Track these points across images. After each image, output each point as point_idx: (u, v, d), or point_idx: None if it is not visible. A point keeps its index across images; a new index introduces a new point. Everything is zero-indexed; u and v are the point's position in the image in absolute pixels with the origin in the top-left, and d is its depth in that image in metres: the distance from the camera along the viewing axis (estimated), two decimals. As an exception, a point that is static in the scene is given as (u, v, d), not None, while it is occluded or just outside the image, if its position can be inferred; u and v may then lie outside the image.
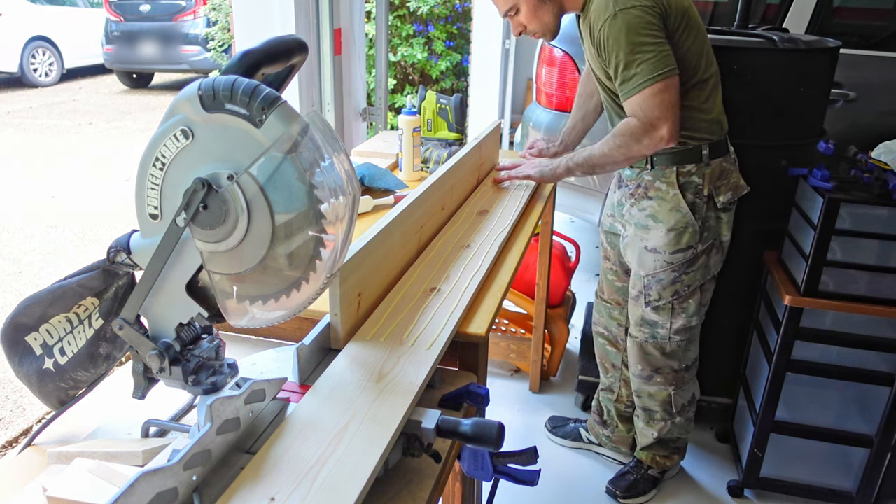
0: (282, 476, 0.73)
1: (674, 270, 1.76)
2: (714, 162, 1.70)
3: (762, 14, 3.25)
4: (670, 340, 1.86)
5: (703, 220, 1.72)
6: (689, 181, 1.70)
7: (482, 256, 1.37)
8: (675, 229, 1.72)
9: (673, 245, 1.73)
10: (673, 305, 1.81)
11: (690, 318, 1.83)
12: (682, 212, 1.70)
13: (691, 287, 1.78)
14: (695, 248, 1.73)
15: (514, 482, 0.97)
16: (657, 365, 1.90)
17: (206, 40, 8.56)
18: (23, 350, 0.88)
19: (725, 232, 1.79)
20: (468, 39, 5.80)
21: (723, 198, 1.72)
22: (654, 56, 1.50)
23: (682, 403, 1.97)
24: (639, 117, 1.54)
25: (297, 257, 0.78)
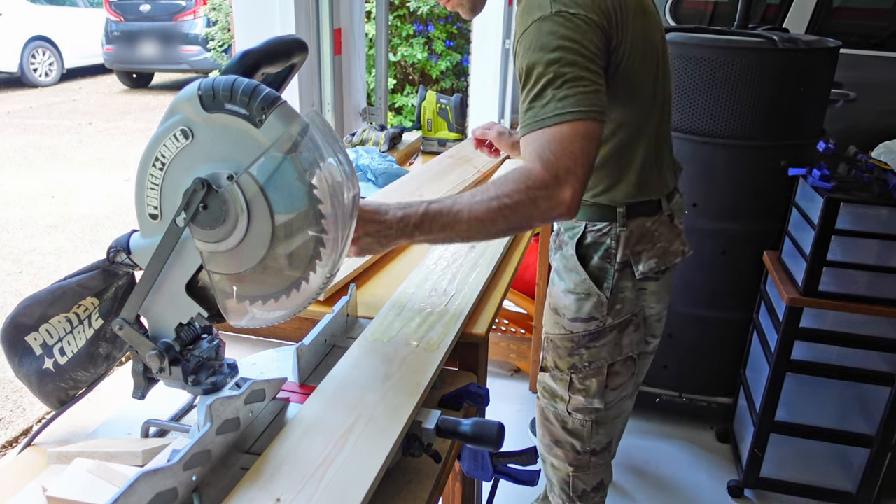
0: (287, 476, 0.73)
1: (572, 340, 1.40)
2: (634, 222, 1.30)
3: (762, 14, 3.24)
4: (571, 416, 1.49)
5: (615, 290, 1.34)
6: (598, 242, 1.33)
7: (487, 258, 1.37)
8: (576, 293, 1.37)
9: (572, 311, 1.38)
10: (571, 379, 1.44)
11: (591, 399, 1.44)
12: (582, 276, 1.35)
13: (593, 365, 1.40)
14: (600, 321, 1.36)
15: (514, 482, 0.97)
16: (557, 437, 1.55)
17: (206, 40, 8.57)
18: (23, 350, 0.88)
19: (653, 304, 1.41)
20: (468, 39, 5.80)
21: (643, 266, 1.32)
22: (586, 85, 1.03)
23: (584, 489, 1.60)
24: (545, 163, 1.01)
25: (297, 257, 0.78)
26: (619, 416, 1.57)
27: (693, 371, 2.38)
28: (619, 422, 1.59)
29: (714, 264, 2.21)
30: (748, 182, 2.10)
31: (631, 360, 1.43)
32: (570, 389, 1.45)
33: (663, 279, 1.40)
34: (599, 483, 1.62)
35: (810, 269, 1.83)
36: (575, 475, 1.58)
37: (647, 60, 1.20)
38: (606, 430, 1.53)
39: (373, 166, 1.91)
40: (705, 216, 2.11)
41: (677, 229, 1.38)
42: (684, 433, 2.42)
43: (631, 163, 1.27)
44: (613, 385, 1.44)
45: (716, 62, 1.97)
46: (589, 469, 1.57)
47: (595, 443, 1.53)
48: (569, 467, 1.57)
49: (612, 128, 1.23)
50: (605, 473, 1.63)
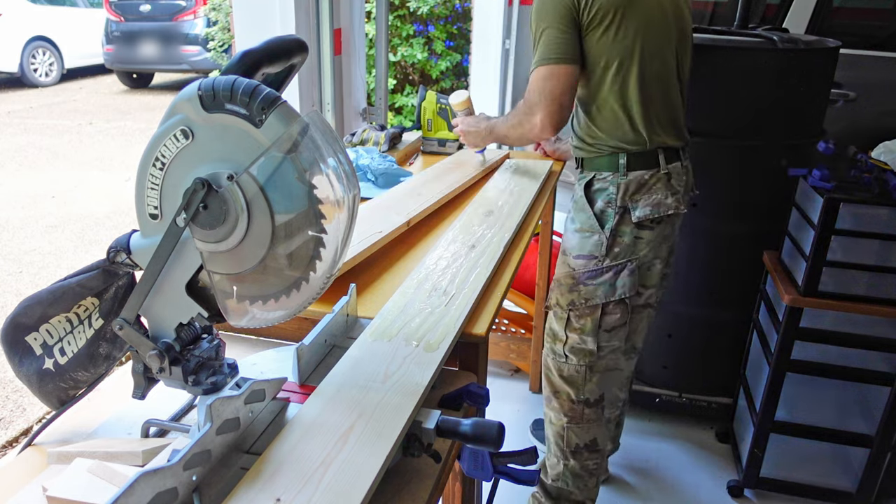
0: (287, 476, 0.73)
1: (573, 277, 1.63)
2: (633, 173, 1.57)
3: (762, 14, 3.24)
4: (567, 361, 1.68)
5: (615, 233, 1.58)
6: (603, 188, 1.60)
7: (488, 258, 1.37)
8: (581, 232, 1.62)
9: (576, 248, 1.62)
10: (569, 317, 1.65)
11: (585, 337, 1.64)
12: (587, 214, 1.61)
13: (589, 302, 1.61)
14: (598, 259, 1.60)
15: (514, 482, 0.97)
16: (555, 386, 1.73)
17: (206, 40, 8.57)
18: (23, 350, 0.88)
19: (646, 253, 1.61)
20: (468, 39, 5.80)
21: (639, 212, 1.57)
22: (549, 40, 1.46)
23: (578, 444, 1.74)
24: (524, 98, 1.54)
25: (297, 257, 0.78)
26: (612, 372, 1.72)
27: (693, 371, 2.38)
28: (612, 377, 1.74)
29: (714, 264, 2.21)
30: (748, 182, 2.10)
31: (623, 303, 1.62)
32: (568, 327, 1.66)
33: (658, 229, 1.61)
34: (593, 441, 1.75)
35: (810, 269, 1.83)
36: (569, 426, 1.74)
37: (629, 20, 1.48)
38: (598, 381, 1.70)
39: (373, 166, 1.91)
40: (705, 216, 2.11)
41: (674, 188, 1.60)
42: (684, 433, 2.42)
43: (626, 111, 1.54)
44: (606, 326, 1.64)
45: (716, 62, 1.97)
46: (582, 421, 1.73)
47: (588, 391, 1.70)
48: (563, 418, 1.73)
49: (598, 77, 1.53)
50: (598, 432, 1.76)
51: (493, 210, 1.65)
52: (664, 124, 1.58)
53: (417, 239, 1.53)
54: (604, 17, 1.46)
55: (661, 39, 1.54)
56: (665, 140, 1.58)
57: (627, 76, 1.51)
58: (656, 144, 1.56)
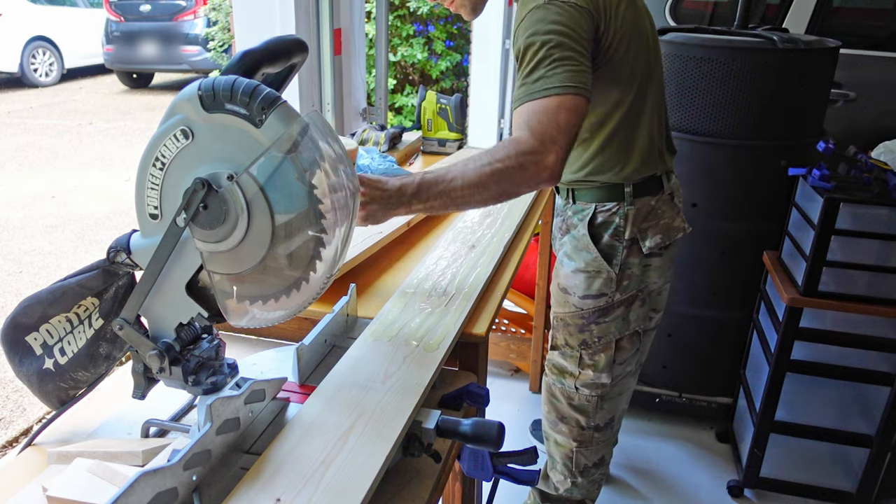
0: (287, 476, 0.73)
1: (582, 317, 1.49)
2: (640, 200, 1.41)
3: (762, 14, 3.24)
4: (578, 392, 1.57)
5: (623, 266, 1.44)
6: (608, 221, 1.43)
7: (488, 258, 1.37)
8: (586, 272, 1.46)
9: (583, 289, 1.47)
10: (581, 355, 1.53)
11: (600, 373, 1.53)
12: (593, 255, 1.44)
13: (602, 340, 1.50)
14: (609, 297, 1.46)
15: (514, 482, 0.97)
16: (563, 413, 1.63)
17: (206, 40, 8.56)
18: (23, 350, 0.88)
19: (655, 279, 1.49)
20: (468, 39, 5.80)
21: (650, 242, 1.43)
22: (573, 64, 1.15)
23: (586, 465, 1.68)
24: (533, 131, 1.12)
25: (297, 257, 0.78)
26: (623, 394, 1.64)
27: (693, 371, 2.38)
28: (622, 399, 1.65)
29: (714, 264, 2.21)
30: (748, 182, 2.10)
31: (637, 334, 1.52)
32: (580, 365, 1.54)
33: (666, 254, 1.49)
34: (600, 459, 1.70)
35: (810, 269, 1.83)
36: (578, 450, 1.65)
37: (637, 46, 1.31)
38: (610, 407, 1.60)
39: (373, 166, 1.91)
40: (705, 216, 2.11)
41: (677, 207, 1.49)
42: (684, 433, 2.42)
43: (632, 142, 1.38)
44: (620, 360, 1.52)
45: (716, 62, 1.97)
46: (592, 444, 1.65)
47: (599, 419, 1.60)
48: (573, 443, 1.65)
49: (609, 108, 1.34)
50: (606, 450, 1.70)
51: (493, 210, 1.65)
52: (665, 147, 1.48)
53: (417, 239, 1.53)
54: (619, 44, 1.27)
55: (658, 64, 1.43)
56: (666, 163, 1.47)
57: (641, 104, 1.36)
58: (661, 170, 1.45)
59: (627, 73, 1.31)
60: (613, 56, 1.27)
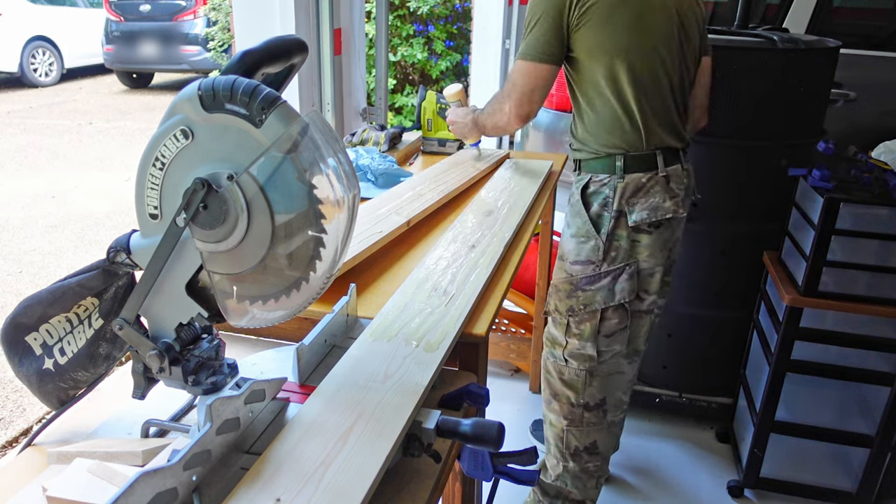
0: (287, 476, 0.73)
1: (571, 283, 1.60)
2: (630, 176, 1.53)
3: (762, 14, 3.25)
4: (567, 365, 1.66)
5: (611, 237, 1.55)
6: (599, 191, 1.57)
7: (488, 258, 1.37)
8: (577, 237, 1.59)
9: (573, 254, 1.60)
10: (568, 323, 1.62)
11: (585, 342, 1.61)
12: (584, 219, 1.58)
13: (588, 308, 1.59)
14: (596, 265, 1.57)
15: (514, 482, 0.97)
16: (555, 389, 1.71)
17: (206, 40, 8.57)
18: (23, 350, 0.88)
19: (645, 257, 1.57)
20: (468, 39, 5.80)
21: (636, 216, 1.53)
22: (535, 35, 1.49)
23: (577, 447, 1.72)
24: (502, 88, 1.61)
25: (297, 257, 0.78)
26: (613, 375, 1.68)
27: (693, 371, 2.38)
28: (613, 381, 1.69)
29: (714, 264, 2.21)
30: (748, 182, 2.10)
31: (623, 308, 1.59)
32: (567, 333, 1.64)
33: (657, 234, 1.57)
34: (593, 444, 1.73)
35: (810, 269, 1.83)
36: (568, 429, 1.72)
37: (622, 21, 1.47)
38: (599, 385, 1.67)
39: (373, 166, 1.91)
40: (705, 216, 2.11)
41: (673, 191, 1.57)
42: (684, 433, 2.42)
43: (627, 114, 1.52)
44: (606, 331, 1.61)
45: (715, 62, 1.97)
46: (582, 425, 1.70)
47: (588, 395, 1.67)
48: (563, 421, 1.71)
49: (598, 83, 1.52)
50: (599, 436, 1.73)
51: (493, 210, 1.65)
52: (662, 124, 1.55)
53: (417, 239, 1.53)
54: (593, 15, 1.46)
55: (656, 36, 1.50)
56: (663, 140, 1.55)
57: (618, 73, 1.49)
58: (654, 145, 1.54)
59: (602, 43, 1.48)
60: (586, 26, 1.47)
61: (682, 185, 1.59)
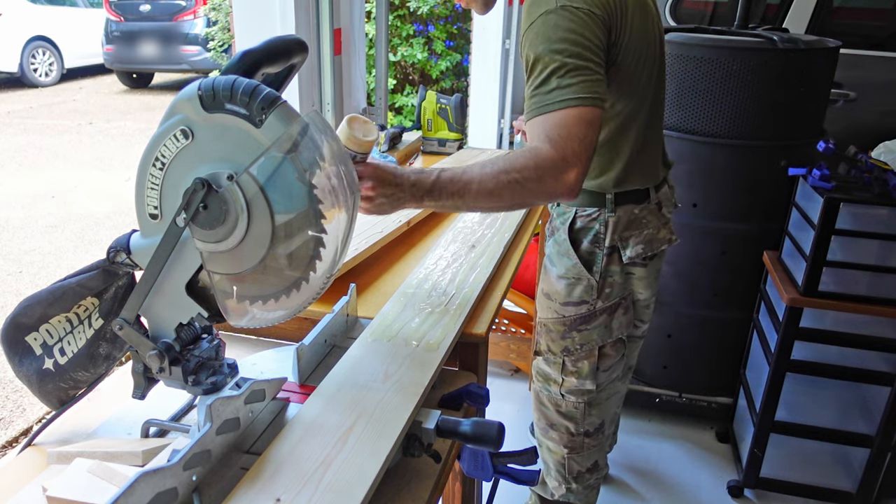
0: (287, 476, 0.73)
1: (564, 324, 1.46)
2: (622, 209, 1.37)
3: (762, 14, 3.24)
4: (564, 399, 1.55)
5: (605, 274, 1.40)
6: (587, 227, 1.39)
7: (488, 258, 1.37)
8: (567, 278, 1.43)
9: (564, 295, 1.44)
10: (564, 362, 1.50)
11: (584, 380, 1.50)
12: (573, 261, 1.41)
13: (584, 347, 1.47)
14: (591, 304, 1.42)
15: (514, 482, 0.97)
16: (552, 420, 1.61)
17: (206, 40, 8.56)
18: (23, 350, 0.88)
19: (641, 290, 1.46)
20: (468, 39, 5.80)
21: (630, 251, 1.38)
22: (590, 74, 1.09)
23: (579, 470, 1.66)
24: (554, 144, 1.06)
25: (297, 257, 0.78)
26: (611, 398, 1.62)
27: (693, 371, 2.38)
28: (611, 403, 1.63)
29: (714, 264, 2.21)
30: (748, 182, 2.10)
31: (621, 342, 1.49)
32: (563, 372, 1.51)
33: (651, 265, 1.45)
34: (594, 464, 1.67)
35: (810, 269, 1.83)
36: (570, 457, 1.64)
37: (643, 56, 1.25)
38: (598, 412, 1.58)
39: (373, 166, 1.91)
40: (705, 216, 2.11)
41: (665, 218, 1.43)
42: (684, 433, 2.42)
43: (619, 153, 1.33)
44: (604, 367, 1.50)
45: (716, 62, 1.97)
46: (583, 450, 1.63)
47: (588, 424, 1.58)
48: (563, 449, 1.63)
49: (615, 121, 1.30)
50: (599, 455, 1.68)
51: (493, 210, 1.64)
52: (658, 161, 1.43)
53: (417, 239, 1.53)
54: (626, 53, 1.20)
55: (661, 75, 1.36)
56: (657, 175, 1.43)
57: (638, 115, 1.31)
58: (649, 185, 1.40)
59: (627, 85, 1.26)
60: (621, 65, 1.21)
61: (670, 207, 1.48)
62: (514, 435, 2.36)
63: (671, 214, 1.47)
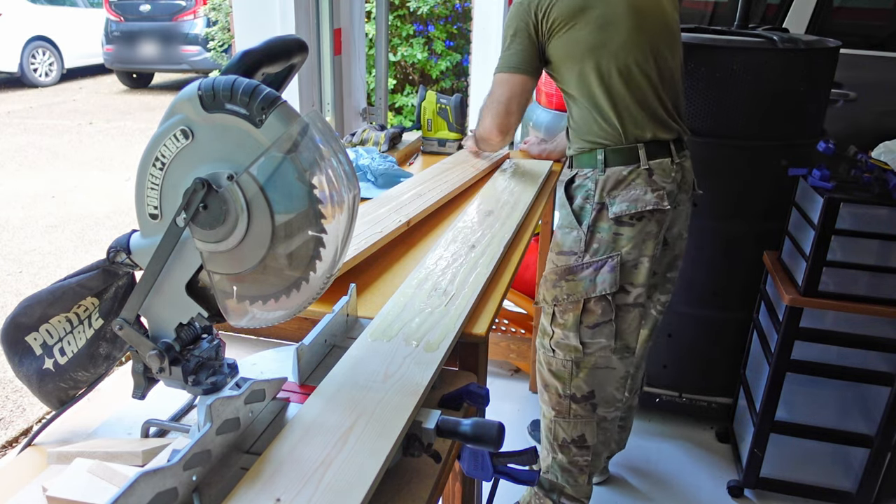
0: (287, 476, 0.73)
1: (556, 273, 1.65)
2: (611, 170, 1.58)
3: (762, 14, 3.24)
4: (554, 355, 1.70)
5: (592, 229, 1.59)
6: (582, 184, 1.63)
7: (488, 258, 1.37)
8: (562, 228, 1.66)
9: (558, 245, 1.66)
10: (554, 312, 1.67)
11: (567, 332, 1.65)
12: (567, 210, 1.64)
13: (570, 298, 1.63)
14: (578, 255, 1.61)
15: (514, 482, 0.97)
16: (545, 380, 1.76)
17: (206, 40, 8.57)
18: (23, 350, 0.88)
19: (629, 250, 1.59)
20: (468, 39, 5.80)
21: (615, 208, 1.57)
22: (511, 49, 1.59)
23: (564, 438, 1.75)
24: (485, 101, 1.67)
25: (297, 257, 0.78)
26: (603, 370, 1.69)
27: (693, 371, 2.38)
28: (602, 375, 1.70)
29: (714, 264, 2.21)
30: (748, 182, 2.10)
31: (605, 299, 1.61)
32: (553, 323, 1.68)
33: (639, 226, 1.59)
34: (581, 437, 1.74)
35: (810, 269, 1.83)
36: (556, 420, 1.75)
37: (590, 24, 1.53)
38: (586, 378, 1.69)
39: (373, 166, 1.91)
40: (705, 216, 2.11)
41: (655, 184, 1.59)
42: (684, 433, 2.42)
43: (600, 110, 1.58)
44: (588, 322, 1.63)
45: (716, 62, 1.97)
46: (569, 416, 1.73)
47: (574, 387, 1.70)
48: (552, 412, 1.76)
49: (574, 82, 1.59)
50: (588, 430, 1.74)
51: (493, 210, 1.65)
52: (639, 118, 1.58)
53: (417, 239, 1.53)
54: (561, 24, 1.54)
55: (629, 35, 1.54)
56: (643, 134, 1.58)
57: (587, 75, 1.56)
58: (634, 138, 1.58)
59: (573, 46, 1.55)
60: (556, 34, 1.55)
61: (668, 179, 1.60)
62: (514, 435, 2.37)
63: (668, 185, 1.60)
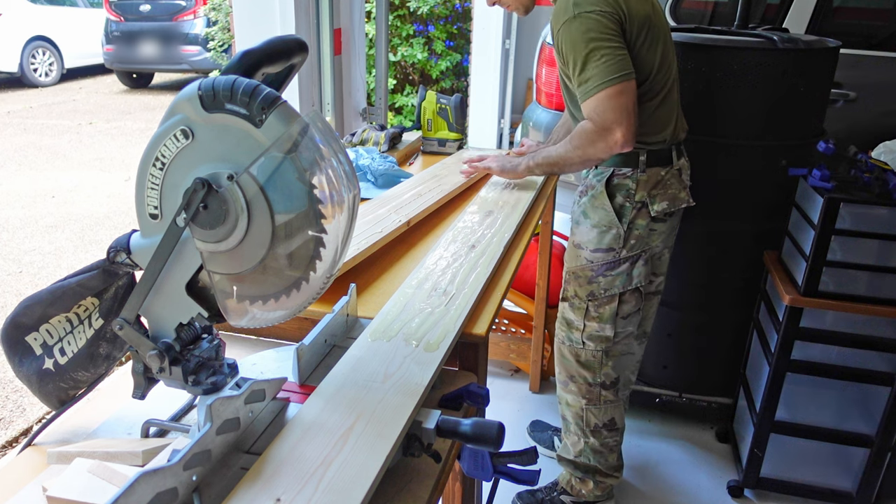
0: (287, 476, 0.73)
1: (592, 269, 1.72)
2: (651, 170, 1.67)
3: (762, 14, 3.25)
4: (584, 347, 1.79)
5: (631, 226, 1.68)
6: (622, 184, 1.68)
7: (488, 258, 1.37)
8: (599, 227, 1.70)
9: (595, 243, 1.71)
10: (587, 307, 1.76)
11: (604, 325, 1.75)
12: (607, 210, 1.68)
13: (608, 292, 1.73)
14: (616, 252, 1.70)
15: (514, 482, 0.97)
16: (571, 372, 1.84)
17: (206, 40, 8.56)
18: (23, 350, 0.88)
19: (658, 243, 1.72)
20: (468, 39, 5.80)
21: (657, 206, 1.67)
22: (610, 59, 1.48)
23: (597, 423, 1.86)
24: (594, 121, 1.52)
25: (297, 257, 0.78)
26: (626, 356, 1.84)
27: (693, 371, 2.38)
28: (625, 361, 1.84)
29: (714, 264, 2.21)
30: (748, 182, 2.10)
31: (638, 291, 1.74)
32: (586, 317, 1.76)
33: (670, 221, 1.74)
34: (611, 421, 1.87)
35: (810, 269, 1.83)
36: (588, 408, 1.85)
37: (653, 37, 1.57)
38: (614, 364, 1.81)
39: (373, 166, 1.91)
40: (705, 216, 2.11)
41: (684, 183, 1.73)
42: (684, 433, 2.42)
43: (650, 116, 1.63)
44: (623, 313, 1.75)
45: (716, 62, 1.97)
46: (600, 403, 1.84)
47: (604, 375, 1.81)
48: (582, 400, 1.84)
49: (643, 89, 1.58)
50: (616, 413, 1.87)
51: (493, 210, 1.65)
52: (678, 122, 1.71)
53: (417, 239, 1.53)
54: (639, 31, 1.55)
55: (670, 46, 1.66)
56: (678, 135, 1.71)
57: (655, 83, 1.61)
58: (672, 141, 1.69)
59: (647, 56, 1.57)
60: (637, 46, 1.55)
61: (688, 175, 1.76)
62: (514, 435, 2.37)
63: (689, 181, 1.75)
